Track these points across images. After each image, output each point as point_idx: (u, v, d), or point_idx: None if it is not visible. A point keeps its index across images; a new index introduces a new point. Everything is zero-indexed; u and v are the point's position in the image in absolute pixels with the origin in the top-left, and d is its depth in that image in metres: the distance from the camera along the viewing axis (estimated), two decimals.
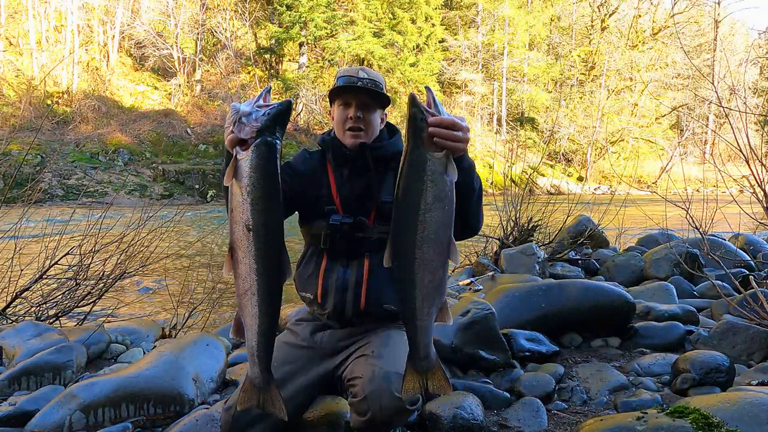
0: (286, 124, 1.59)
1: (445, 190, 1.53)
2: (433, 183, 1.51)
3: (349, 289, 1.93)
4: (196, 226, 7.83)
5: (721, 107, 5.60)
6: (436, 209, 1.52)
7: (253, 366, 1.66)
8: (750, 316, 3.19)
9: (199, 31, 27.32)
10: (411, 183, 1.52)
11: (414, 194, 1.52)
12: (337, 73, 2.04)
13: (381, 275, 1.92)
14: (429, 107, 1.53)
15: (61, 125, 22.22)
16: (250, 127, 1.54)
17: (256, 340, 1.62)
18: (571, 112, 34.30)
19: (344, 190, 1.99)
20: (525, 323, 3.09)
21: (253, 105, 1.57)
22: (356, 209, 1.96)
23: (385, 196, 1.96)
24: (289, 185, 1.95)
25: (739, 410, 1.87)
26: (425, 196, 1.51)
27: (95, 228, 4.09)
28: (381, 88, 1.98)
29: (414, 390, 1.66)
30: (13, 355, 2.91)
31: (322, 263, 1.98)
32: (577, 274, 5.28)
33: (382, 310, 1.95)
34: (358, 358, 1.85)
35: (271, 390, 1.67)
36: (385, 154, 2.00)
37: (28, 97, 21.87)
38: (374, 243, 1.94)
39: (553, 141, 32.82)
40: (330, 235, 1.95)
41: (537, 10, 34.41)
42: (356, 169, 1.99)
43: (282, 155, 1.64)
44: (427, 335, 1.62)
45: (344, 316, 1.95)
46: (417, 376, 1.65)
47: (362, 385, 1.72)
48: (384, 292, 1.93)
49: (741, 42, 40.57)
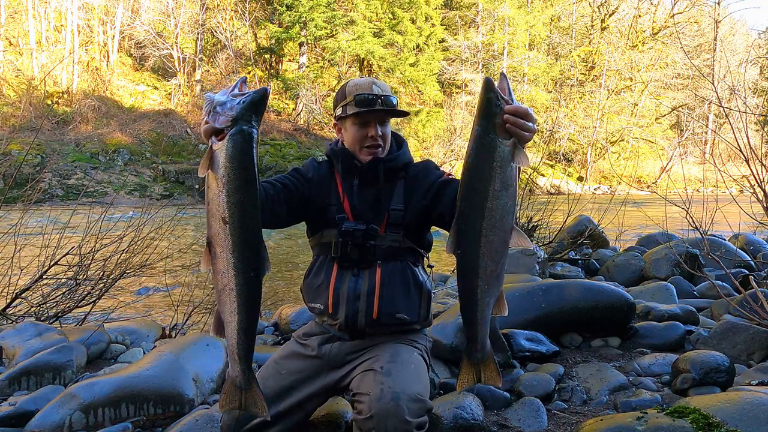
0: (262, 113, 1.54)
1: (512, 177, 1.51)
2: (502, 169, 1.49)
3: (361, 299, 1.89)
4: (197, 226, 7.83)
5: (721, 107, 5.60)
6: (502, 196, 1.50)
7: (233, 364, 1.62)
8: (750, 316, 3.18)
9: (199, 31, 27.32)
10: (480, 168, 1.50)
11: (483, 180, 1.50)
12: (346, 88, 1.98)
13: (393, 284, 1.91)
14: (503, 94, 1.50)
15: (61, 125, 22.23)
16: (225, 116, 1.50)
17: (236, 338, 1.58)
18: (571, 112, 34.29)
19: (354, 199, 1.97)
20: (525, 323, 3.09)
21: (228, 94, 1.53)
22: (367, 218, 1.95)
23: (395, 204, 1.95)
24: (298, 188, 1.95)
25: (739, 410, 1.87)
26: (494, 182, 1.49)
27: (95, 228, 4.09)
28: (395, 101, 1.97)
29: (468, 383, 1.66)
30: (13, 355, 2.91)
31: (332, 273, 1.94)
32: (577, 274, 5.28)
33: (395, 319, 1.91)
34: (365, 372, 1.81)
35: (252, 389, 1.64)
36: (396, 166, 2.00)
37: (28, 97, 21.88)
38: (385, 251, 1.92)
39: (553, 141, 32.80)
40: (341, 244, 1.92)
41: (537, 10, 34.40)
42: (366, 180, 1.98)
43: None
44: (485, 326, 1.61)
45: (356, 327, 1.91)
46: (472, 369, 1.65)
47: (369, 403, 1.67)
48: (396, 301, 1.90)
49: (741, 42, 40.53)
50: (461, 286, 1.61)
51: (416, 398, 1.69)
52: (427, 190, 1.94)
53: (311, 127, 26.85)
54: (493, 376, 1.67)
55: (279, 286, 6.76)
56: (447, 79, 32.11)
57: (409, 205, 1.95)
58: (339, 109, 1.99)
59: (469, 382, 1.66)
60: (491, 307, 1.59)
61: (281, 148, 24.15)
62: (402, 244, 1.94)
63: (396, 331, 1.94)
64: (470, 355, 1.65)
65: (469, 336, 1.63)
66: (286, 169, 22.40)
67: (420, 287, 1.96)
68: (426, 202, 1.93)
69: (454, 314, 2.90)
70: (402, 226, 1.94)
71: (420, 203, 1.94)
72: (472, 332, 1.62)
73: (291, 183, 1.95)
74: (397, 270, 1.93)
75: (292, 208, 1.94)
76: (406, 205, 1.95)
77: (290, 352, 2.01)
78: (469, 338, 1.63)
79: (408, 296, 1.93)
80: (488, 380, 1.66)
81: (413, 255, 1.99)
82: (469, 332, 1.62)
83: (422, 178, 1.98)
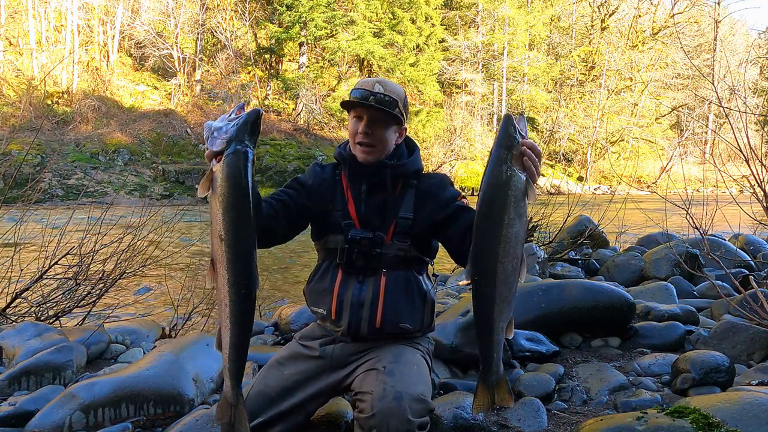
0: (256, 132, 1.62)
1: (524, 208, 1.60)
2: (516, 199, 1.58)
3: (364, 307, 1.89)
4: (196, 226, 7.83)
5: (721, 107, 5.60)
6: (515, 225, 1.59)
7: (225, 380, 1.66)
8: (750, 316, 3.18)
9: (199, 31, 27.32)
10: (497, 197, 1.58)
11: (499, 209, 1.58)
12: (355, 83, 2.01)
13: (397, 292, 1.90)
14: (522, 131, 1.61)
15: (61, 125, 22.22)
16: (221, 139, 1.58)
17: (228, 354, 1.63)
18: (571, 112, 34.32)
19: (361, 205, 1.96)
20: (525, 323, 3.08)
21: (225, 120, 1.62)
22: (374, 225, 1.94)
23: (404, 212, 1.94)
24: (296, 201, 1.94)
25: (739, 410, 1.87)
26: (509, 211, 1.57)
27: (95, 228, 4.08)
28: (393, 104, 1.92)
29: (484, 406, 1.71)
30: (13, 355, 2.91)
31: (337, 278, 1.93)
32: (577, 274, 5.28)
33: (398, 328, 1.90)
34: (368, 371, 1.81)
35: (239, 408, 1.66)
36: (405, 172, 1.98)
37: (28, 97, 21.86)
38: (391, 260, 1.92)
39: (553, 141, 32.84)
40: (347, 250, 1.92)
41: (537, 10, 34.41)
42: (374, 185, 1.96)
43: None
44: (500, 350, 1.67)
45: (359, 334, 1.91)
46: (487, 392, 1.70)
47: (371, 402, 1.67)
48: (400, 310, 1.90)
49: (741, 42, 40.55)
50: (477, 312, 1.66)
51: (419, 398, 1.69)
52: (441, 207, 1.93)
53: (311, 127, 26.84)
54: (506, 398, 1.71)
55: (279, 285, 6.77)
56: (447, 79, 32.11)
57: (419, 215, 1.94)
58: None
59: (485, 406, 1.71)
60: (504, 331, 1.65)
61: (281, 148, 24.15)
62: (408, 253, 1.94)
63: (400, 337, 1.94)
64: (485, 379, 1.69)
65: (484, 360, 1.68)
66: (286, 169, 22.09)
67: (424, 296, 1.96)
68: (438, 218, 1.93)
69: (454, 314, 2.90)
70: (410, 236, 1.93)
71: (431, 217, 1.93)
72: (487, 356, 1.67)
73: (288, 197, 1.95)
74: (401, 278, 1.92)
75: (291, 222, 1.94)
76: (416, 214, 1.94)
77: (292, 352, 2.01)
78: (484, 362, 1.68)
79: (412, 305, 1.93)
80: (501, 401, 1.71)
81: (418, 263, 1.99)
82: (485, 356, 1.67)
83: (437, 192, 1.97)
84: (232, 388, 1.65)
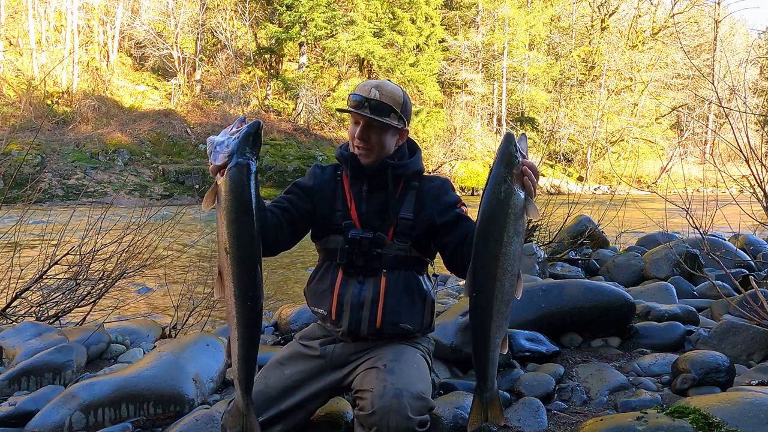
0: (257, 144, 1.64)
1: (522, 226, 1.63)
2: (515, 217, 1.60)
3: (365, 307, 1.89)
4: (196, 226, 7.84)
5: (721, 107, 5.60)
6: (514, 243, 1.61)
7: (235, 389, 1.69)
8: (750, 316, 3.18)
9: (199, 31, 27.31)
10: (496, 215, 1.61)
11: (499, 227, 1.60)
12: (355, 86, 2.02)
13: (397, 293, 1.91)
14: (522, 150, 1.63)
15: (61, 125, 22.21)
16: (223, 153, 1.61)
17: (237, 364, 1.65)
18: (571, 112, 34.30)
19: (362, 205, 1.96)
20: (525, 323, 3.08)
21: (226, 134, 1.65)
22: (374, 225, 1.94)
23: (404, 213, 1.94)
24: (298, 206, 1.95)
25: (739, 410, 1.87)
26: (508, 229, 1.59)
27: (95, 228, 4.08)
28: (387, 111, 1.91)
29: (479, 422, 1.72)
30: (13, 355, 2.91)
31: (337, 279, 1.94)
32: (577, 274, 5.28)
33: (398, 329, 1.91)
34: (368, 369, 1.81)
35: (251, 416, 1.69)
36: (406, 172, 1.98)
37: (28, 97, 21.85)
38: (392, 260, 1.92)
39: (553, 141, 32.81)
40: (348, 250, 1.92)
41: (537, 10, 34.38)
42: (375, 185, 1.97)
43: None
44: (495, 366, 1.69)
45: (359, 335, 1.91)
46: (482, 408, 1.72)
47: (371, 399, 1.68)
48: (400, 311, 1.90)
49: (741, 42, 40.56)
50: (475, 327, 1.68)
51: (419, 396, 1.70)
52: (442, 211, 1.94)
53: (311, 127, 26.83)
54: (497, 415, 1.75)
55: (279, 285, 6.77)
56: (447, 79, 32.10)
57: (419, 216, 1.95)
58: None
59: (479, 422, 1.73)
60: (500, 346, 1.68)
61: (281, 148, 24.15)
62: (408, 253, 1.94)
63: (400, 338, 1.95)
64: (481, 394, 1.72)
65: (480, 375, 1.69)
66: (286, 169, 22.09)
67: (424, 297, 1.96)
68: (438, 222, 1.93)
69: (454, 314, 2.90)
70: (410, 236, 1.94)
71: (431, 219, 1.94)
72: (483, 371, 1.69)
73: (290, 203, 1.95)
74: (401, 279, 1.93)
75: (295, 228, 1.95)
76: (416, 215, 1.95)
77: (293, 352, 2.01)
78: (479, 377, 1.70)
79: (412, 306, 1.93)
80: (493, 418, 1.74)
81: (419, 264, 1.99)
82: (481, 371, 1.69)
83: (438, 195, 1.98)
84: (241, 397, 1.67)
